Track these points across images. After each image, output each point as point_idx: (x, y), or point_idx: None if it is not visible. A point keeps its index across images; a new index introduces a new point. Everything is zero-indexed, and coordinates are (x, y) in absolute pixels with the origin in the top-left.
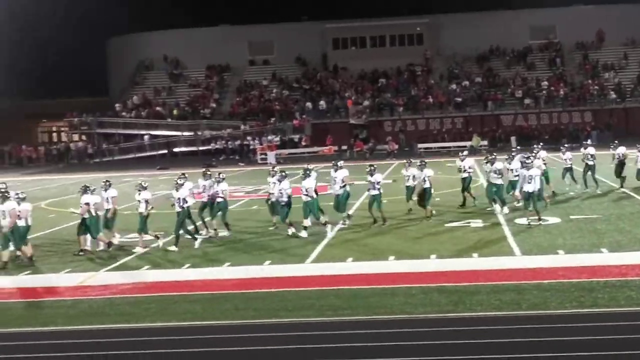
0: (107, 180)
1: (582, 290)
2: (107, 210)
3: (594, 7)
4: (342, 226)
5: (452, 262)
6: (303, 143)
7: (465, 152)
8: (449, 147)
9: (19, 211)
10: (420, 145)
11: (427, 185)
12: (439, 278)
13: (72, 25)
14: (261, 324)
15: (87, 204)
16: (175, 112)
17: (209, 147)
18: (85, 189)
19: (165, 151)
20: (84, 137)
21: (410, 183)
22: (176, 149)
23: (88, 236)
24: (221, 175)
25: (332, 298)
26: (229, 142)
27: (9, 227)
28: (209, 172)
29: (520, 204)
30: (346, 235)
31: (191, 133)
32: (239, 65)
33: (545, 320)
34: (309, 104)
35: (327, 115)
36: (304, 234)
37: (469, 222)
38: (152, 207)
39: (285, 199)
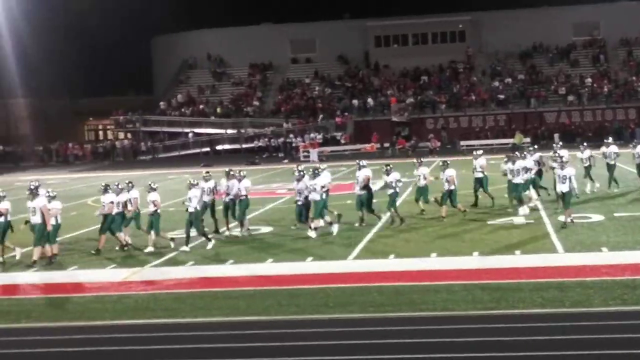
0: (129, 182)
1: (626, 287)
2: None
3: (639, 3)
4: (358, 225)
5: (494, 259)
6: (342, 141)
7: (480, 152)
8: (492, 144)
9: (49, 209)
10: (462, 143)
11: (446, 187)
12: (481, 275)
13: (118, 25)
14: (303, 320)
15: (112, 202)
16: (218, 110)
17: (252, 145)
18: (105, 188)
19: (208, 149)
20: (129, 135)
21: (422, 183)
22: (219, 147)
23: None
24: (242, 173)
25: (374, 294)
26: (272, 140)
27: (47, 223)
28: (231, 172)
29: (532, 203)
30: (388, 233)
31: (234, 131)
32: (282, 64)
33: (588, 318)
34: (355, 102)
35: (370, 113)
36: (312, 234)
37: (511, 219)
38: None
39: (301, 198)
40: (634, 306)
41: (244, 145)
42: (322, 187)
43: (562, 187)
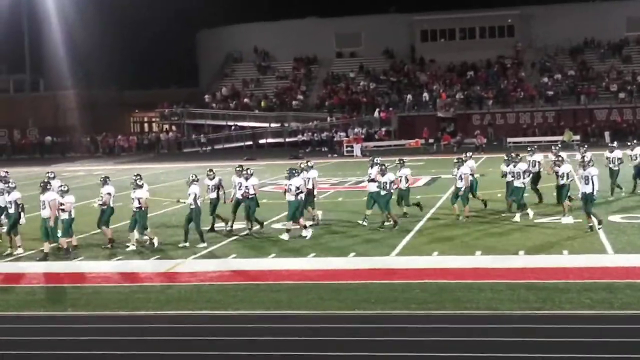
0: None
1: None
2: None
3: None
4: (363, 223)
5: (541, 258)
6: (376, 137)
7: (470, 153)
8: (540, 141)
9: (62, 204)
10: (509, 140)
11: (460, 184)
12: (527, 274)
13: (165, 18)
14: (345, 315)
15: (109, 194)
16: (263, 103)
17: (296, 139)
18: (105, 180)
19: (251, 142)
20: (174, 128)
21: (404, 185)
22: (262, 141)
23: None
24: (249, 171)
25: (417, 291)
26: (316, 134)
27: (51, 218)
28: (242, 169)
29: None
30: (431, 230)
31: (278, 125)
32: (326, 58)
33: (638, 321)
34: (407, 97)
35: (415, 108)
36: (285, 236)
37: (559, 219)
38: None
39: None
40: None
41: (287, 139)
42: (297, 188)
43: (585, 189)
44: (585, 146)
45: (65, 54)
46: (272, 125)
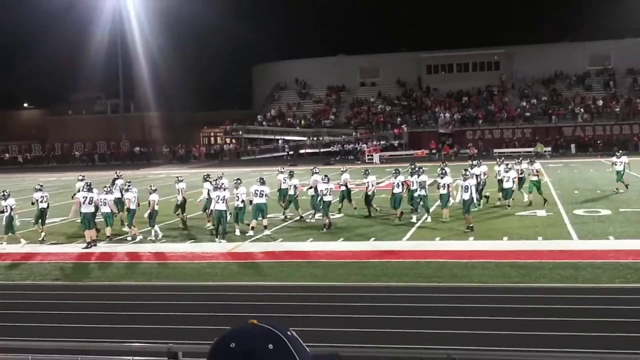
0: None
1: (629, 269)
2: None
3: None
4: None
5: (521, 243)
6: (367, 150)
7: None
8: (519, 152)
9: (128, 198)
10: (495, 150)
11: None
12: (510, 255)
13: (228, 56)
14: (367, 286)
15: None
16: (302, 122)
17: (328, 150)
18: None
19: (292, 152)
20: (234, 141)
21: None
22: (301, 151)
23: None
24: (238, 180)
25: (423, 268)
26: (344, 146)
27: (113, 210)
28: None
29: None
30: (433, 222)
31: (314, 138)
32: (352, 86)
33: (597, 292)
34: (411, 116)
35: (421, 126)
36: (251, 233)
37: (535, 212)
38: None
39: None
40: (635, 284)
41: (322, 150)
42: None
43: (464, 196)
44: (520, 158)
45: (150, 83)
46: (310, 138)
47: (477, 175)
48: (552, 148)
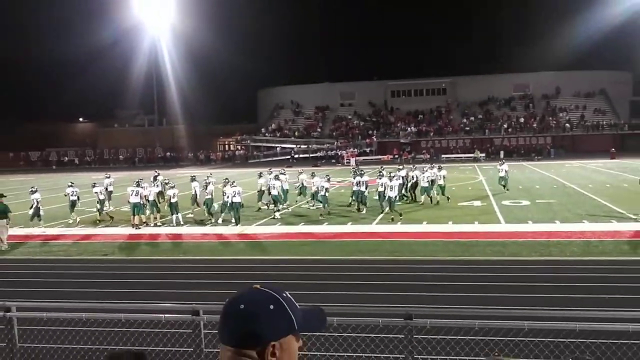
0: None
1: (542, 245)
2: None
3: (554, 72)
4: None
5: (462, 226)
6: (346, 156)
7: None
8: (461, 157)
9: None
10: (443, 156)
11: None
12: (454, 235)
13: (239, 81)
14: (345, 259)
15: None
16: (296, 134)
17: (315, 155)
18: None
19: (289, 156)
20: (243, 148)
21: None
22: (296, 155)
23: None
24: (226, 180)
25: (388, 245)
26: (328, 152)
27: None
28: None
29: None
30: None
31: (305, 146)
32: (334, 106)
33: (519, 263)
34: (379, 130)
35: (386, 137)
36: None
37: (472, 202)
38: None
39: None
40: (547, 257)
41: (311, 155)
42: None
43: (390, 194)
44: (433, 164)
45: (178, 102)
46: (302, 146)
47: (402, 177)
48: (486, 154)
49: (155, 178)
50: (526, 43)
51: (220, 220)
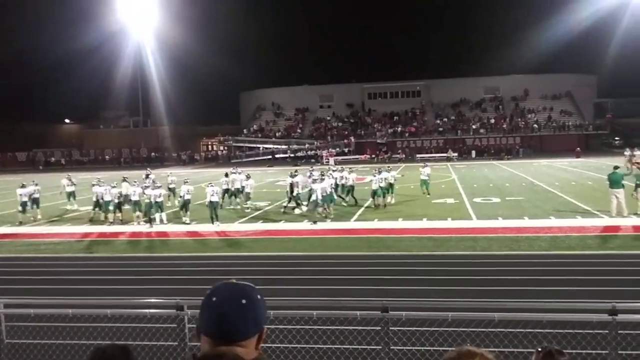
0: (147, 174)
1: (511, 240)
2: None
3: (523, 75)
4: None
5: (436, 222)
6: (324, 156)
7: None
8: (435, 156)
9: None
10: (418, 155)
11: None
12: (428, 231)
13: (222, 84)
14: (326, 254)
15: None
16: (277, 134)
17: (296, 155)
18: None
19: (270, 157)
20: (226, 148)
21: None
22: (277, 155)
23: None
24: (186, 180)
25: (366, 241)
26: (308, 152)
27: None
28: (296, 171)
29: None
30: (372, 209)
31: (286, 146)
32: (314, 108)
33: (490, 258)
34: (356, 131)
35: (363, 137)
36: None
37: (445, 200)
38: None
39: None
40: (516, 251)
41: (291, 155)
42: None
43: (318, 195)
44: (388, 166)
45: (163, 104)
46: (283, 146)
47: (335, 178)
48: (458, 153)
49: (147, 176)
50: (496, 48)
51: (160, 220)
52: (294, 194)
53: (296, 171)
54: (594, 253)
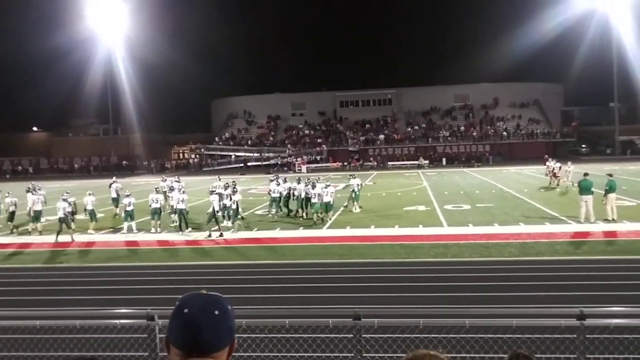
0: (157, 187)
1: (482, 247)
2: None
3: (493, 84)
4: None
5: (407, 229)
6: (297, 164)
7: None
8: (406, 164)
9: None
10: (389, 163)
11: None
12: (400, 238)
13: (193, 92)
14: (298, 262)
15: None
16: (249, 142)
17: (269, 162)
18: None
19: (242, 165)
20: (197, 156)
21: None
22: (249, 163)
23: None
24: (174, 185)
25: (338, 249)
26: (280, 159)
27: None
28: (277, 177)
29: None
30: (345, 216)
31: (258, 154)
32: (286, 116)
33: (461, 264)
34: (328, 139)
35: (336, 145)
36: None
37: (417, 207)
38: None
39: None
40: (486, 257)
41: (264, 163)
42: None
43: (325, 199)
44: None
45: (133, 112)
46: (255, 154)
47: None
48: (429, 161)
49: (110, 185)
50: (466, 57)
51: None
52: (293, 199)
53: (276, 177)
54: (562, 259)
